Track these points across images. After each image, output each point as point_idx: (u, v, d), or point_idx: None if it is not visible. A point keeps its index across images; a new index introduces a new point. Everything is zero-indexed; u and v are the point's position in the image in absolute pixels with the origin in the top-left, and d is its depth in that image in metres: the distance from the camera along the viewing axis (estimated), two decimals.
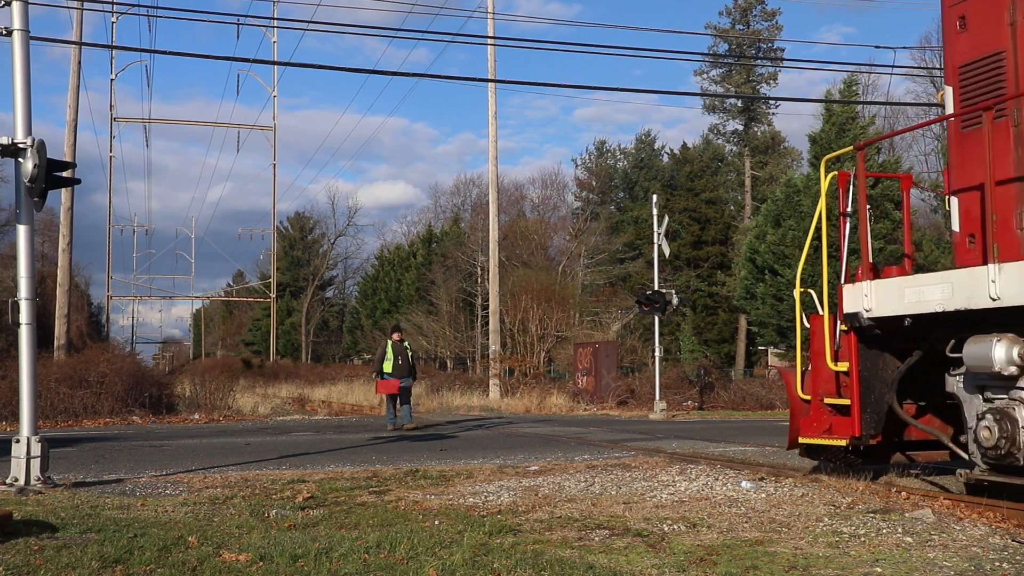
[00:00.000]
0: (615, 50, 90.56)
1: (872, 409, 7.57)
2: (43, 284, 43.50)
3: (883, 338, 7.54)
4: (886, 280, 7.37)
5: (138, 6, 47.82)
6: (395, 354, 16.77)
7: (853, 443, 7.64)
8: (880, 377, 7.61)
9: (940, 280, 6.85)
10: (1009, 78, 6.90)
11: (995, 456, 6.56)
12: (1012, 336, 6.36)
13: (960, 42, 7.35)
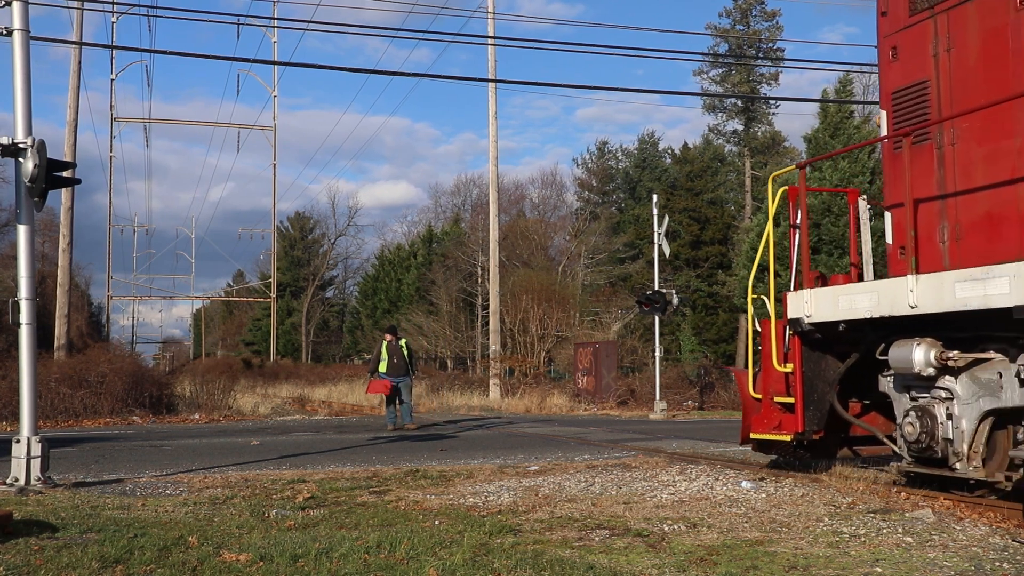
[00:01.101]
0: (616, 50, 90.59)
1: (815, 407, 8.14)
2: (43, 284, 43.49)
3: (825, 342, 8.13)
4: (823, 289, 8.03)
5: (138, 6, 47.83)
6: (390, 354, 16.85)
7: (797, 438, 8.20)
8: (823, 377, 8.20)
9: (868, 289, 7.54)
10: (933, 104, 7.52)
11: (918, 449, 7.16)
12: (931, 340, 6.95)
13: (892, 70, 7.94)
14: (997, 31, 7.02)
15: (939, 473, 7.10)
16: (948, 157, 7.37)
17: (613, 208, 59.06)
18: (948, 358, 6.91)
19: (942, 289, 6.74)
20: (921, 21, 7.67)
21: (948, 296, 6.68)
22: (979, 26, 7.19)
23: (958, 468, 6.92)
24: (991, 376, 6.71)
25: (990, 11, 7.06)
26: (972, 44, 7.25)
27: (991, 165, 6.96)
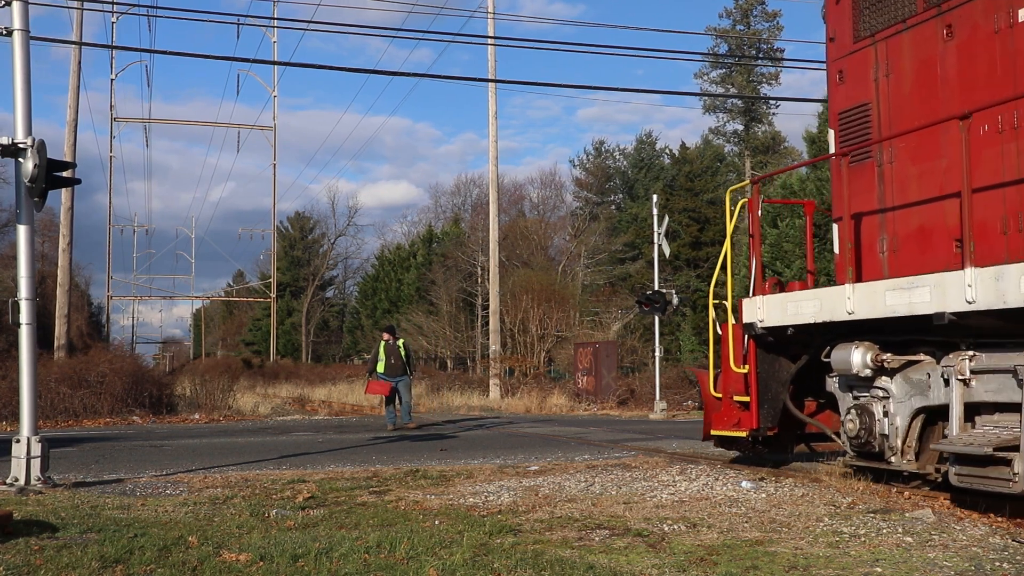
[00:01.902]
0: (616, 50, 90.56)
1: (769, 406, 8.75)
2: (43, 284, 43.48)
3: (778, 344, 8.71)
4: (773, 296, 8.63)
5: (138, 6, 47.83)
6: (387, 354, 16.87)
7: (752, 434, 8.84)
8: (776, 378, 8.81)
9: (812, 296, 8.14)
10: (874, 125, 8.09)
11: (858, 444, 7.80)
12: (868, 344, 7.53)
13: (839, 92, 8.55)
14: (928, 60, 7.62)
15: (877, 466, 7.74)
16: (887, 174, 7.94)
17: (612, 208, 59.05)
18: (883, 360, 7.49)
19: (875, 297, 7.30)
20: (863, 48, 8.24)
21: (880, 304, 7.23)
22: (913, 55, 7.76)
23: (893, 461, 7.54)
24: (921, 377, 7.29)
25: (922, 42, 7.65)
26: (907, 71, 7.83)
27: (923, 183, 7.51)
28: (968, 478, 6.53)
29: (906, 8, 7.80)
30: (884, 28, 8.03)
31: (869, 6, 8.20)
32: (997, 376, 6.57)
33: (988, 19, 7.10)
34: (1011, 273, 6.13)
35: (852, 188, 7.98)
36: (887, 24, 8.02)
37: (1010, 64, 6.87)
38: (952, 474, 6.68)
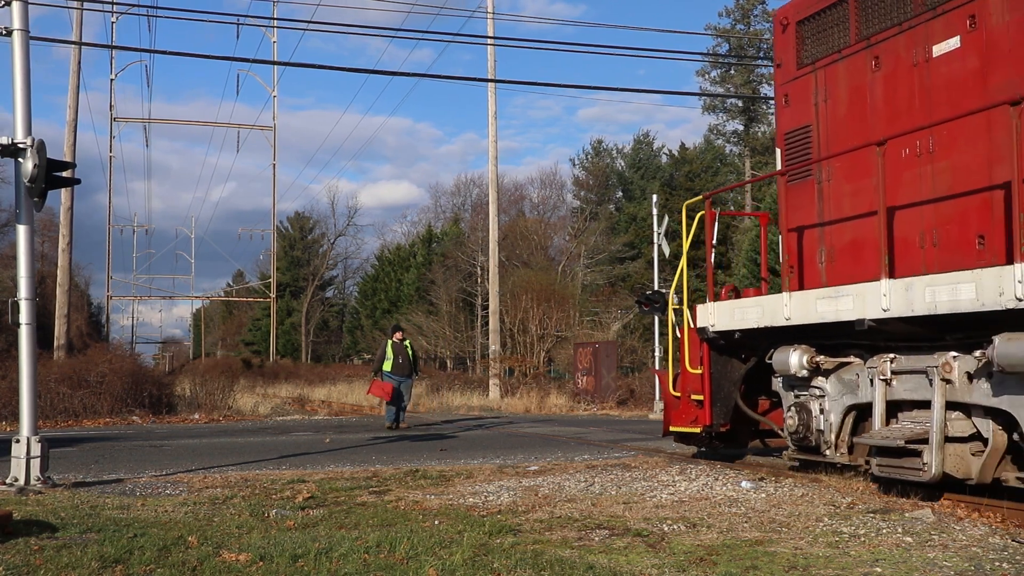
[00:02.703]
0: (616, 50, 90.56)
1: (721, 404, 9.46)
2: (43, 284, 43.48)
3: (730, 347, 9.39)
4: (722, 302, 9.31)
5: (138, 6, 47.82)
6: (395, 353, 16.75)
7: (705, 431, 9.57)
8: (729, 378, 9.50)
9: (755, 304, 8.82)
10: (814, 146, 8.78)
11: (798, 439, 8.50)
12: (805, 347, 8.23)
13: (785, 114, 9.25)
14: (859, 88, 8.31)
15: (814, 459, 8.41)
16: (825, 191, 8.64)
17: (612, 208, 59.05)
18: (818, 362, 8.19)
19: (807, 305, 8.02)
20: (806, 74, 8.95)
21: (812, 310, 7.95)
22: (847, 82, 8.47)
23: (828, 454, 8.21)
24: (852, 377, 7.97)
25: (854, 71, 8.37)
26: (842, 97, 8.53)
27: (855, 200, 8.16)
28: (887, 468, 7.23)
29: (841, 39, 8.50)
30: (823, 57, 8.72)
31: (810, 36, 8.88)
32: (913, 376, 7.22)
33: (909, 53, 7.77)
34: (918, 284, 6.85)
35: (795, 203, 8.90)
36: (825, 53, 8.70)
37: (926, 95, 7.59)
38: (874, 465, 7.40)
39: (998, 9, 6.94)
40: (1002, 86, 6.84)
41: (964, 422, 6.93)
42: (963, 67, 7.27)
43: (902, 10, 7.83)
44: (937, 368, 6.90)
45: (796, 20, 9.10)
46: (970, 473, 6.86)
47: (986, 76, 7.06)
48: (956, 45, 7.33)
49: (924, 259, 7.47)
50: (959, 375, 6.83)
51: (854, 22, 8.35)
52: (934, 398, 6.87)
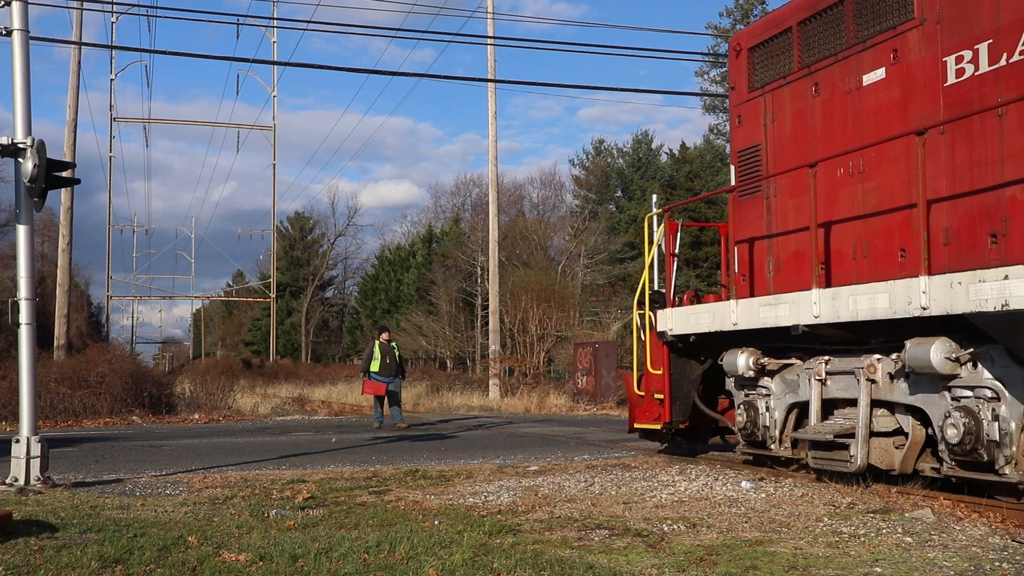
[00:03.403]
0: (616, 50, 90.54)
1: (680, 402, 10.14)
2: (43, 284, 43.49)
3: (688, 350, 10.13)
4: (679, 308, 10.08)
5: (138, 6, 47.83)
6: (383, 354, 16.88)
7: (666, 427, 10.25)
8: (687, 378, 10.18)
9: (707, 310, 9.57)
10: (763, 164, 9.43)
11: (747, 435, 9.19)
12: (751, 350, 8.97)
13: (738, 134, 9.90)
14: (801, 111, 8.99)
15: (761, 453, 9.08)
16: (773, 206, 9.28)
17: (612, 208, 59.03)
18: (763, 363, 8.91)
19: (752, 311, 8.74)
20: (756, 97, 9.60)
21: (756, 316, 8.66)
22: (791, 106, 9.13)
23: (773, 448, 8.88)
24: (793, 377, 8.69)
25: (797, 95, 9.04)
26: (787, 119, 9.19)
27: (798, 214, 8.78)
28: (821, 460, 7.96)
29: (786, 66, 9.18)
30: (771, 81, 9.39)
31: (760, 62, 9.56)
32: (844, 376, 7.96)
33: (843, 81, 8.45)
34: (843, 293, 7.57)
35: (747, 216, 9.61)
36: (773, 78, 9.37)
37: (857, 120, 8.26)
38: (810, 458, 8.16)
39: (915, 45, 7.65)
40: (919, 115, 7.53)
41: (888, 418, 7.65)
42: (887, 96, 7.95)
43: (838, 41, 8.49)
44: (863, 369, 7.63)
45: (748, 47, 9.74)
46: (893, 464, 7.60)
47: (906, 105, 7.74)
48: (882, 76, 8.04)
49: (856, 270, 8.12)
50: (882, 376, 7.53)
51: (797, 50, 9.02)
52: (860, 397, 7.61)
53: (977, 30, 7.11)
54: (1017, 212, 6.67)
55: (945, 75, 7.38)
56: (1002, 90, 6.84)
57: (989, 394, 6.64)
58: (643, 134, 62.84)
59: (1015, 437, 6.48)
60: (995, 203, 6.85)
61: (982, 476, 6.72)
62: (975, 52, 7.12)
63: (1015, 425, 6.49)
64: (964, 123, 7.11)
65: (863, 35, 8.21)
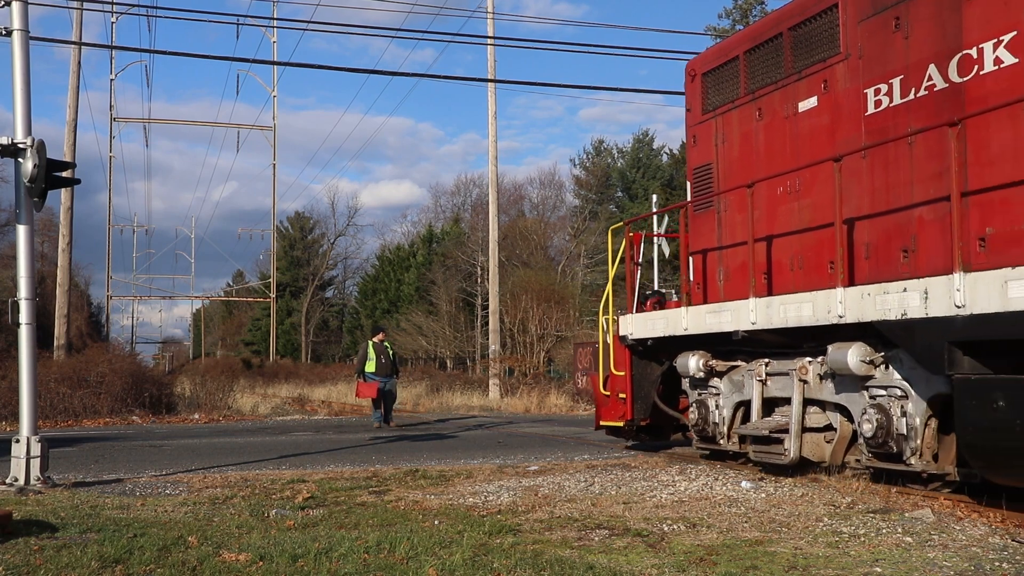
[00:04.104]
0: (617, 50, 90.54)
1: (642, 401, 10.94)
2: (43, 284, 43.48)
3: (648, 353, 10.84)
4: (638, 314, 10.85)
5: (138, 6, 47.85)
6: (377, 354, 16.82)
7: (628, 424, 11.03)
8: (648, 379, 10.95)
9: (662, 316, 10.42)
10: (715, 181, 10.16)
11: (699, 431, 9.97)
12: (702, 352, 9.69)
13: (693, 153, 10.64)
14: (747, 134, 9.68)
15: (712, 447, 9.81)
16: (723, 220, 9.98)
17: (612, 207, 58.99)
18: (712, 365, 9.62)
19: (700, 317, 9.61)
20: (708, 119, 10.31)
21: (703, 322, 9.54)
22: (738, 128, 9.80)
23: (722, 444, 9.60)
24: (739, 378, 9.40)
25: (744, 119, 9.72)
26: (735, 140, 9.88)
27: (743, 228, 9.23)
28: (760, 453, 8.80)
29: (734, 91, 9.88)
30: (721, 105, 10.07)
31: (712, 87, 10.26)
32: (782, 377, 8.74)
33: (782, 107, 9.15)
34: (775, 302, 8.44)
35: (701, 229, 10.34)
36: (723, 102, 10.05)
37: (795, 143, 8.96)
38: (752, 451, 8.96)
39: (842, 77, 8.40)
40: (845, 140, 8.26)
41: (820, 415, 8.47)
42: (819, 122, 8.67)
43: (777, 71, 9.24)
44: (796, 371, 8.43)
45: (701, 72, 10.47)
46: (824, 457, 8.36)
47: (835, 131, 8.45)
48: (814, 104, 8.78)
49: (793, 280, 8.83)
50: (813, 377, 8.33)
51: (744, 78, 9.73)
52: (793, 396, 8.42)
53: (891, 66, 7.84)
54: (924, 230, 7.36)
55: (866, 105, 8.12)
56: (912, 121, 7.55)
57: (899, 393, 7.40)
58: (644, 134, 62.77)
59: (920, 431, 7.22)
60: (907, 222, 7.57)
61: (893, 466, 7.47)
62: (890, 86, 7.87)
63: (920, 421, 7.21)
64: (881, 149, 7.79)
65: (799, 66, 8.94)
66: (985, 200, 6.86)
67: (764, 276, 9.10)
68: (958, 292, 6.52)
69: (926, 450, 7.21)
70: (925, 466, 7.21)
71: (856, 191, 8.04)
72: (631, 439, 11.65)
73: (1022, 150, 6.63)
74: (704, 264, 10.27)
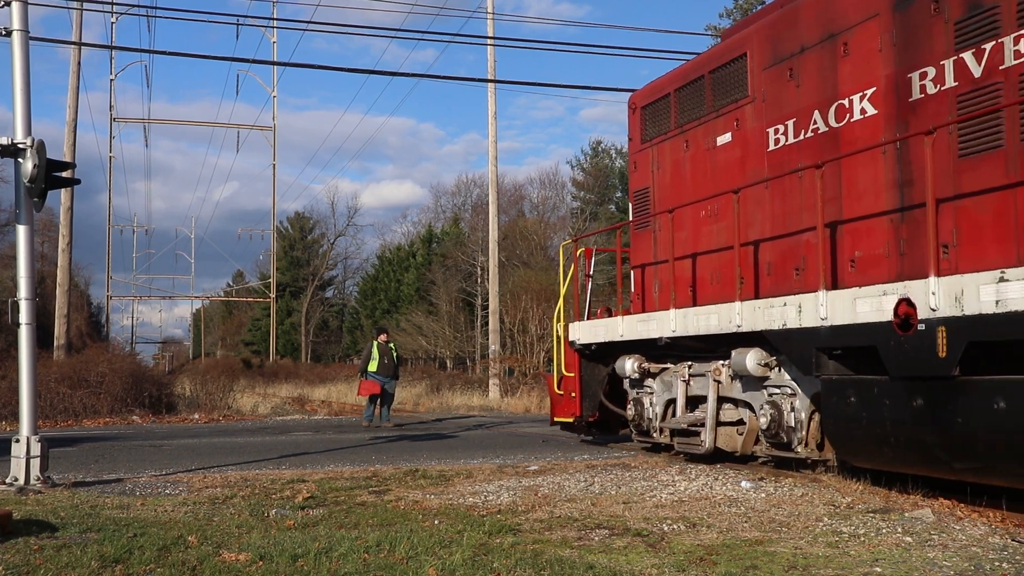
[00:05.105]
0: (617, 50, 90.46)
1: (589, 399, 12.27)
2: (43, 284, 43.48)
3: (595, 356, 12.05)
4: (583, 322, 12.22)
5: (138, 6, 47.86)
6: (380, 354, 17.11)
7: (577, 420, 12.35)
8: (595, 379, 12.22)
9: (603, 324, 11.59)
10: (651, 204, 11.27)
11: (636, 426, 11.27)
12: (637, 356, 10.91)
13: (634, 177, 11.78)
14: (677, 162, 10.79)
15: (648, 440, 11.05)
16: (658, 238, 11.06)
17: (612, 207, 58.96)
18: (646, 367, 10.81)
19: (633, 325, 10.83)
20: (646, 148, 11.43)
21: (635, 330, 10.74)
22: (670, 157, 10.93)
23: (655, 437, 10.82)
24: (669, 378, 10.62)
25: (674, 149, 10.85)
26: (667, 168, 11.00)
27: (670, 247, 10.25)
28: (682, 444, 10.02)
29: (667, 125, 11.01)
30: (657, 136, 11.19)
31: (649, 119, 11.40)
32: (702, 378, 9.87)
33: (704, 140, 10.28)
34: (691, 313, 9.66)
35: (640, 246, 11.51)
36: (658, 134, 11.18)
37: (713, 172, 10.08)
38: (676, 443, 10.19)
39: (750, 116, 9.54)
40: (752, 172, 9.36)
41: (733, 411, 9.61)
42: (733, 155, 9.78)
43: (700, 108, 10.38)
44: (711, 372, 9.59)
45: (641, 105, 11.57)
46: (736, 448, 9.48)
47: (744, 163, 9.56)
48: (729, 139, 9.89)
49: (713, 293, 9.95)
50: (725, 377, 9.45)
51: (674, 113, 10.86)
52: (709, 394, 9.57)
53: (787, 110, 8.99)
54: (810, 252, 8.40)
55: (768, 142, 9.25)
56: (801, 158, 8.67)
57: (789, 391, 8.58)
58: None
59: (805, 424, 8.40)
60: (797, 244, 8.71)
61: (786, 454, 8.64)
62: (786, 126, 9.02)
63: (805, 415, 8.41)
64: (779, 181, 8.94)
65: (717, 105, 10.07)
66: (853, 228, 8.07)
67: (690, 288, 10.30)
68: (822, 307, 7.74)
69: (811, 440, 8.39)
70: (809, 453, 8.40)
71: (760, 216, 9.23)
72: (583, 433, 12.83)
73: (880, 187, 7.80)
74: (643, 277, 11.45)
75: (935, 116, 7.22)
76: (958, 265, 6.94)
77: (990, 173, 6.78)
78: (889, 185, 7.72)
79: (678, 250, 10.36)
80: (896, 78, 7.68)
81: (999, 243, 6.69)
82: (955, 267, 6.93)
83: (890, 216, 7.70)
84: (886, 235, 7.74)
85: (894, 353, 6.98)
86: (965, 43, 7.03)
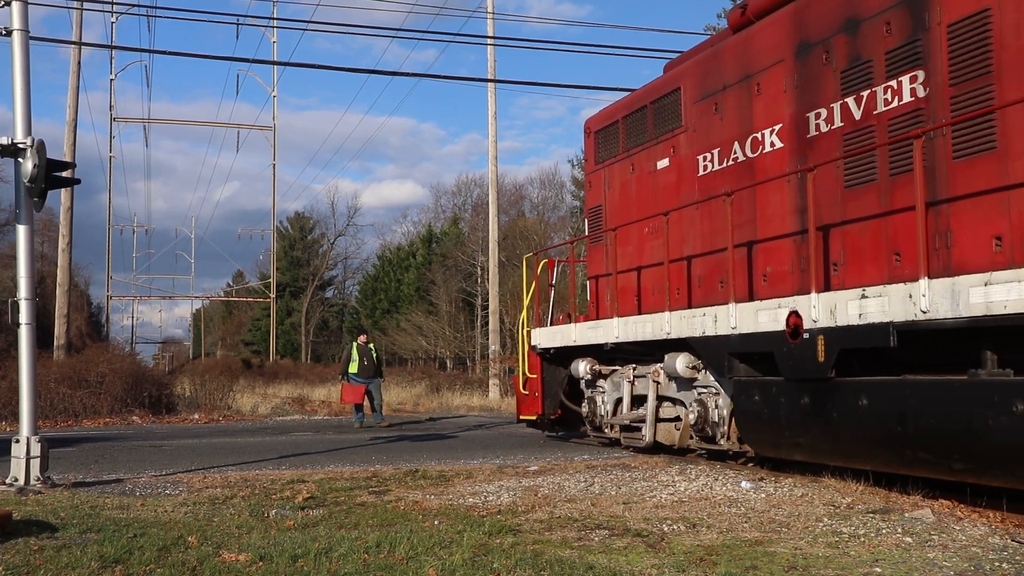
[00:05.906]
0: (617, 50, 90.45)
1: (551, 399, 13.32)
2: (43, 284, 43.48)
3: (555, 359, 13.17)
4: (543, 328, 13.39)
5: (138, 6, 47.84)
6: (360, 355, 17.13)
7: (540, 418, 13.38)
8: (556, 380, 13.28)
9: (559, 330, 12.73)
10: (604, 220, 12.31)
11: (590, 423, 12.35)
12: (589, 359, 12.09)
13: (589, 195, 12.86)
14: (625, 183, 11.81)
15: (600, 435, 12.05)
16: (610, 252, 12.00)
17: None
18: (597, 369, 11.95)
19: (584, 332, 11.97)
20: (599, 169, 12.47)
21: (585, 335, 11.88)
22: (619, 178, 11.96)
23: (606, 432, 11.83)
24: (618, 379, 11.58)
25: (622, 171, 11.87)
26: (617, 188, 12.00)
27: (624, 259, 11.55)
28: (627, 439, 11.09)
29: (616, 148, 12.04)
30: (608, 158, 12.23)
31: (602, 142, 12.44)
32: (644, 379, 10.90)
33: (647, 164, 11.28)
34: (631, 321, 10.78)
35: (595, 258, 12.51)
36: (609, 156, 12.22)
37: (654, 193, 11.05)
38: (622, 437, 11.25)
39: (684, 144, 10.53)
40: (686, 194, 10.36)
41: (671, 408, 10.63)
42: (670, 178, 10.78)
43: (643, 135, 11.39)
44: (651, 374, 10.58)
45: (594, 130, 12.60)
46: (674, 441, 10.52)
47: (679, 186, 10.57)
48: (667, 164, 10.86)
49: (654, 303, 10.79)
50: (663, 378, 10.48)
51: (622, 138, 11.87)
52: (649, 393, 10.65)
53: (713, 140, 9.96)
54: (733, 267, 9.11)
55: (698, 168, 10.23)
56: (725, 183, 9.55)
57: (713, 391, 9.60)
58: None
59: (726, 419, 9.40)
60: (722, 260, 9.41)
61: (711, 447, 9.74)
62: (712, 155, 9.98)
63: (726, 412, 9.40)
64: (707, 204, 9.87)
65: (657, 133, 11.07)
66: (766, 247, 9.06)
67: (635, 298, 11.29)
68: (732, 317, 8.86)
69: (732, 434, 9.40)
70: (731, 446, 9.42)
71: (693, 234, 10.26)
72: (546, 430, 13.89)
73: (785, 211, 8.78)
74: (597, 287, 12.48)
75: (827, 152, 8.24)
76: (845, 281, 7.95)
77: (867, 203, 7.79)
78: (792, 210, 8.72)
79: (622, 264, 11.59)
80: (797, 116, 8.69)
81: (875, 263, 7.71)
82: (843, 283, 7.94)
83: (793, 238, 8.69)
84: (790, 254, 8.74)
85: (786, 358, 8.08)
86: (849, 90, 8.05)
